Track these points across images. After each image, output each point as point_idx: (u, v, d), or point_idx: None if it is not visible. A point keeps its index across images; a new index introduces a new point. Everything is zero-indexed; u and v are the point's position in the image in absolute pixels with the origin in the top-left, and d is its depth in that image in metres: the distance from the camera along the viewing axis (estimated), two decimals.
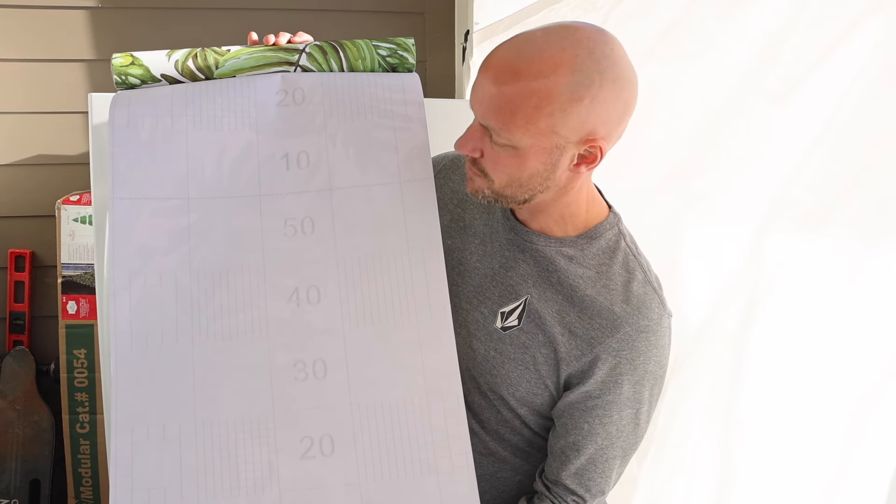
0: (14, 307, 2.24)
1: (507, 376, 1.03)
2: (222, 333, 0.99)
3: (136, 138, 1.03)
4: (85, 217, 2.16)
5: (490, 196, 0.99)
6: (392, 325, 1.01)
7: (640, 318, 0.98)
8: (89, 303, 2.16)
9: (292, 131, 1.06)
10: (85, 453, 2.23)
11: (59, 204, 2.16)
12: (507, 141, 0.91)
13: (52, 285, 2.25)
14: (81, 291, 2.18)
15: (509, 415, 1.06)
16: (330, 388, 0.99)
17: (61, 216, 2.16)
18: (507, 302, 1.04)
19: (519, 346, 1.02)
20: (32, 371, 2.22)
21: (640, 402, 1.00)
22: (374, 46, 1.12)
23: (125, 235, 1.01)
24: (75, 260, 2.17)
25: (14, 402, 2.21)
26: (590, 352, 0.98)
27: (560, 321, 1.00)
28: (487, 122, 0.91)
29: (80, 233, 2.16)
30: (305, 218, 1.03)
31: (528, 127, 0.89)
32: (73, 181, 2.22)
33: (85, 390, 2.20)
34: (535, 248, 1.04)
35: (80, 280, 2.18)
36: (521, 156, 0.92)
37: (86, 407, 2.21)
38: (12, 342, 2.25)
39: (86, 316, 2.18)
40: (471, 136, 0.95)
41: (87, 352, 2.19)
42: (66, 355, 2.18)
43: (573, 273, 1.01)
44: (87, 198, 2.15)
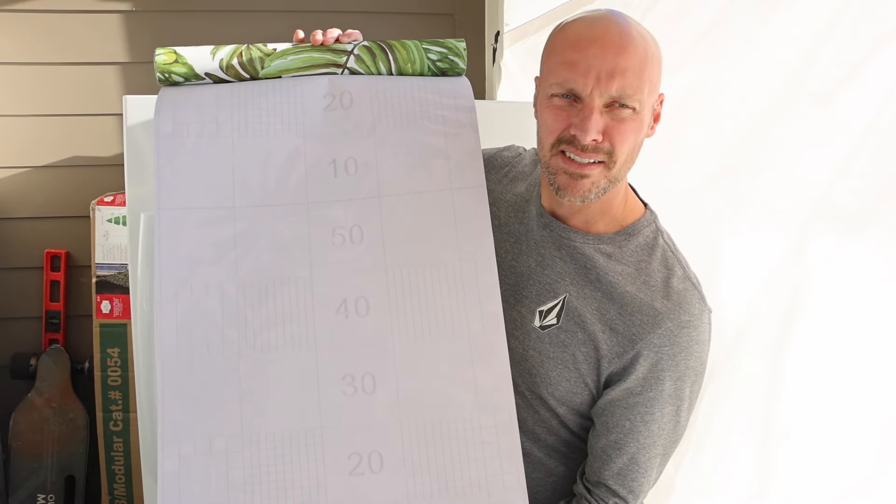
0: (50, 306, 2.28)
1: (546, 375, 1.04)
2: (269, 345, 0.98)
3: (181, 146, 1.03)
4: (119, 217, 2.19)
5: (603, 186, 0.97)
6: (443, 338, 0.99)
7: (681, 313, 0.98)
8: (123, 302, 2.19)
9: (340, 137, 1.05)
10: (118, 451, 2.26)
11: (94, 205, 2.19)
12: (635, 103, 0.93)
13: (86, 285, 2.29)
14: (115, 291, 2.21)
15: (547, 414, 1.07)
16: (379, 402, 0.97)
17: (96, 217, 2.19)
18: (545, 300, 1.04)
19: (558, 344, 1.03)
20: (67, 369, 2.26)
21: (680, 399, 1.00)
22: (424, 49, 1.10)
23: (171, 246, 1.00)
24: (109, 260, 2.20)
25: (50, 399, 2.25)
26: (631, 348, 0.98)
27: (600, 318, 1.00)
28: (618, 90, 0.92)
29: (114, 233, 2.19)
30: (354, 226, 1.02)
31: (652, 84, 0.95)
32: (107, 182, 2.25)
33: (118, 388, 2.23)
34: (573, 245, 1.04)
35: (114, 280, 2.21)
36: (639, 118, 0.95)
37: (119, 405, 2.23)
38: (48, 341, 2.28)
39: (119, 315, 2.21)
40: (595, 119, 0.93)
41: (120, 350, 2.22)
42: (100, 354, 2.21)
43: (612, 270, 1.01)
44: (121, 198, 2.18)
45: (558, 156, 0.97)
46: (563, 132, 0.96)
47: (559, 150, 0.97)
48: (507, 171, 1.20)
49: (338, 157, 1.04)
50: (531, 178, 1.17)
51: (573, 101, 0.95)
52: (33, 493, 2.24)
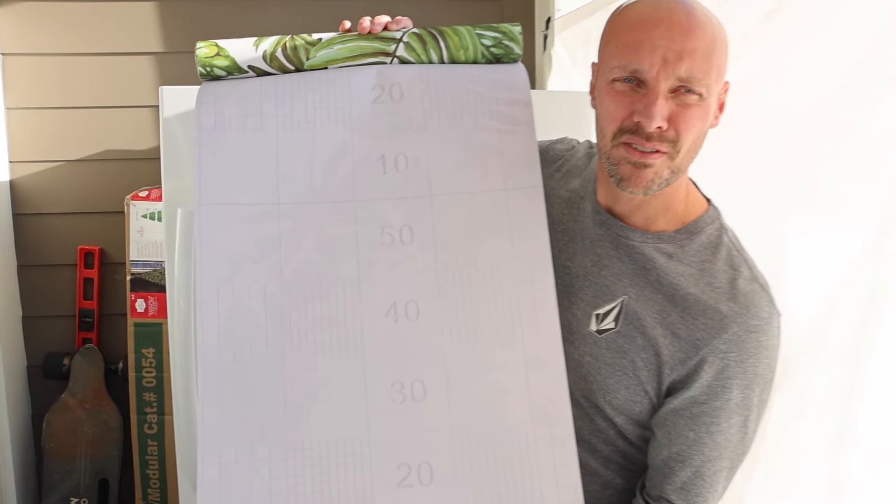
0: (83, 304, 2.33)
1: (603, 383, 1.03)
2: (314, 349, 0.98)
3: (224, 140, 1.04)
4: (154, 213, 2.23)
5: (666, 177, 0.96)
6: (496, 344, 0.98)
7: (749, 316, 0.96)
8: (158, 301, 2.23)
9: (389, 131, 1.05)
10: (153, 454, 2.30)
11: (129, 200, 2.24)
12: (702, 88, 0.93)
13: (120, 283, 2.33)
14: (150, 289, 2.25)
15: (604, 424, 1.06)
16: (429, 411, 0.97)
17: (130, 212, 2.23)
18: (602, 303, 1.04)
19: (616, 350, 1.02)
20: (101, 370, 2.31)
21: (748, 409, 0.99)
22: (476, 35, 1.10)
23: (213, 243, 1.01)
24: (144, 257, 2.24)
25: (83, 400, 2.31)
26: (695, 354, 0.97)
27: (661, 322, 0.99)
28: (686, 72, 0.91)
29: (150, 229, 2.23)
30: (404, 226, 1.02)
31: (719, 70, 0.94)
32: (142, 177, 2.29)
33: (153, 390, 2.28)
34: (631, 244, 1.03)
35: (149, 278, 2.25)
36: (705, 105, 0.94)
37: (154, 407, 2.28)
38: (81, 340, 2.34)
39: (154, 314, 2.25)
40: (660, 104, 0.92)
41: (155, 351, 2.26)
42: (135, 354, 2.26)
43: (673, 271, 1.00)
44: (156, 193, 2.22)
45: (621, 146, 0.96)
46: (626, 120, 0.95)
47: (622, 140, 0.96)
48: (560, 166, 1.19)
49: (387, 152, 1.05)
50: (586, 173, 1.16)
51: (636, 87, 0.94)
52: (66, 497, 2.29)
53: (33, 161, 2.31)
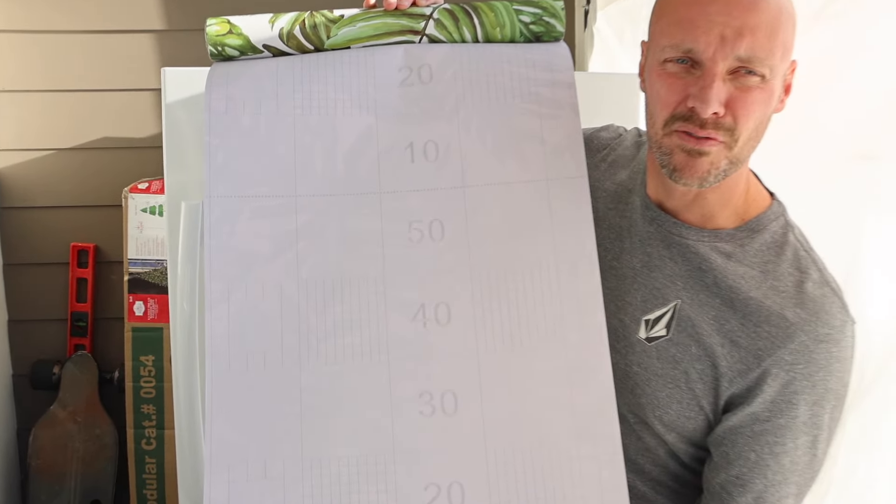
0: (76, 307, 2.38)
1: (653, 396, 1.04)
2: (335, 356, 1.00)
3: (236, 126, 1.05)
4: (155, 207, 2.27)
5: (723, 168, 0.96)
6: (536, 352, 0.99)
7: (819, 324, 0.96)
8: (159, 303, 2.27)
9: (418, 117, 1.07)
10: (151, 473, 2.34)
11: (126, 192, 2.27)
12: (765, 69, 0.93)
13: (117, 283, 2.37)
14: (150, 291, 2.29)
15: (653, 442, 1.07)
16: (461, 425, 0.97)
17: (128, 206, 2.27)
18: (653, 308, 1.05)
19: (668, 360, 1.03)
20: (95, 379, 2.35)
21: (818, 428, 0.99)
22: (514, 11, 1.11)
23: (223, 239, 1.03)
24: (144, 255, 2.28)
25: (75, 412, 2.35)
26: (757, 366, 0.98)
27: (718, 330, 1.00)
28: (747, 51, 0.91)
29: (150, 225, 2.27)
30: (434, 220, 1.04)
31: (785, 48, 0.94)
32: (141, 167, 2.33)
33: (152, 402, 2.31)
34: (685, 242, 1.04)
35: (149, 278, 2.29)
36: (768, 87, 0.94)
37: (152, 420, 2.31)
38: (73, 346, 2.38)
39: (155, 318, 2.29)
40: (716, 88, 0.92)
41: (155, 359, 2.30)
42: (132, 362, 2.29)
43: (732, 273, 1.01)
44: (157, 185, 2.26)
45: (673, 134, 0.97)
46: (679, 105, 0.95)
47: (674, 128, 0.96)
48: (606, 155, 1.21)
49: (415, 139, 1.06)
50: (634, 164, 1.17)
51: (690, 68, 0.94)
52: None
53: (21, 149, 2.35)
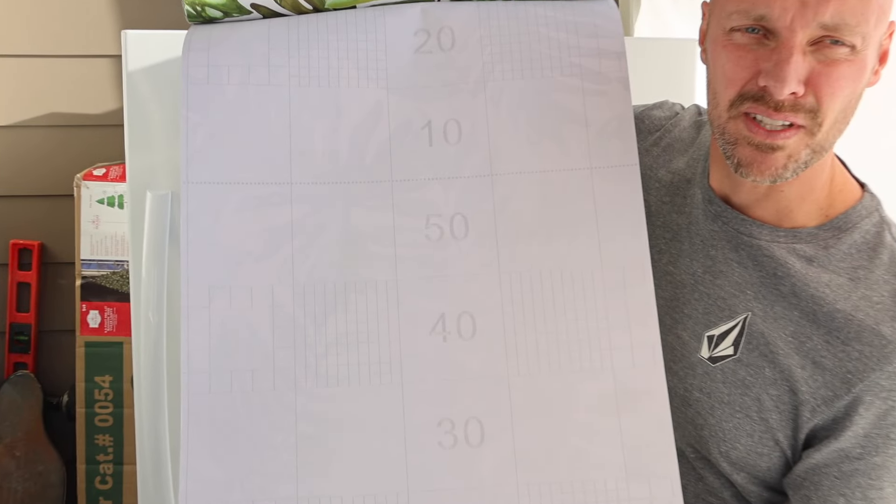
0: (16, 318, 2.36)
1: (717, 427, 1.03)
2: (337, 377, 0.99)
3: (220, 98, 1.05)
4: (114, 198, 2.25)
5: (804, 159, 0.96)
6: (578, 374, 0.99)
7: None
8: (118, 313, 2.26)
9: (437, 90, 1.06)
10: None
11: (79, 180, 2.25)
12: (856, 38, 0.92)
13: (67, 289, 2.36)
14: (107, 297, 2.27)
15: (717, 483, 1.07)
16: (488, 459, 0.97)
17: (81, 196, 2.25)
18: (718, 322, 1.04)
19: (736, 384, 1.03)
20: (39, 404, 2.33)
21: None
22: None
23: (204, 234, 1.02)
24: (100, 255, 2.26)
25: (13, 446, 2.33)
26: (846, 392, 0.98)
27: (798, 348, 1.00)
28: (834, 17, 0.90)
29: (107, 218, 2.25)
30: (456, 215, 1.03)
31: (881, 9, 0.93)
32: (97, 148, 2.32)
33: (108, 431, 2.29)
34: (757, 244, 1.04)
35: (107, 283, 2.27)
36: (859, 59, 0.93)
37: (109, 454, 2.29)
38: (13, 365, 2.37)
39: (113, 331, 2.27)
40: (795, 62, 0.91)
41: (112, 379, 2.28)
42: (85, 384, 2.27)
43: (815, 280, 1.01)
44: (116, 171, 2.24)
45: (740, 119, 0.96)
46: (749, 84, 0.95)
47: (741, 110, 0.96)
48: (660, 138, 1.21)
49: (434, 118, 1.06)
50: (693, 149, 1.17)
51: (763, 38, 0.94)
52: None
53: None
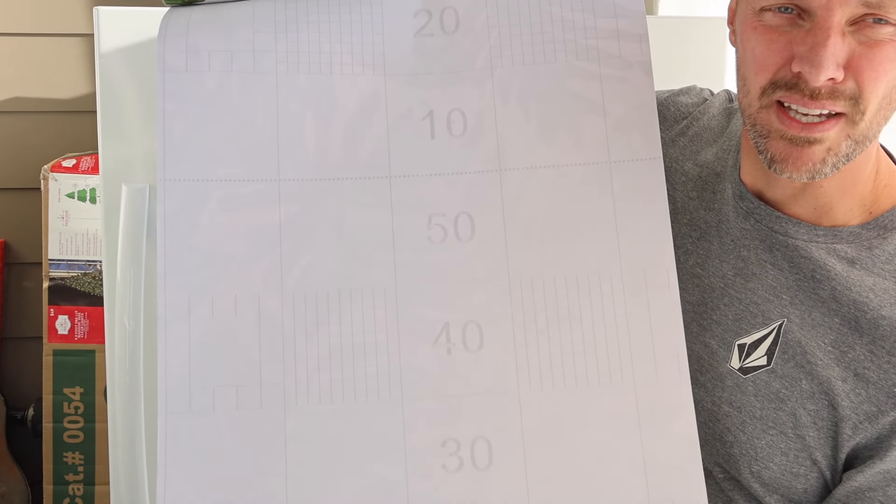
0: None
1: (749, 445, 1.04)
2: (330, 394, 1.00)
3: (199, 87, 1.05)
4: (85, 191, 2.26)
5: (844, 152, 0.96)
6: (595, 388, 0.99)
7: None
8: (90, 318, 2.27)
9: (440, 78, 1.07)
10: None
11: (47, 172, 2.26)
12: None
13: (33, 292, 2.37)
14: (78, 301, 2.28)
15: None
16: (497, 483, 0.98)
17: (49, 190, 2.26)
18: (749, 329, 1.05)
19: (770, 397, 1.03)
20: (1, 419, 2.35)
21: None
22: None
23: (183, 236, 1.02)
24: (69, 255, 2.27)
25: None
26: (892, 408, 0.98)
27: (839, 359, 1.00)
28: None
29: (78, 214, 2.26)
30: (461, 214, 1.04)
31: None
32: (67, 138, 2.34)
33: (78, 448, 2.30)
34: (794, 244, 1.04)
35: (77, 285, 2.28)
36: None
37: (79, 474, 2.30)
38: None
39: (84, 338, 2.28)
40: (833, 45, 0.90)
41: (84, 392, 2.29)
42: (53, 396, 2.28)
43: (858, 284, 1.01)
44: (88, 162, 2.25)
45: (772, 109, 0.96)
46: (782, 70, 0.95)
47: (773, 99, 0.96)
48: (686, 127, 1.21)
49: (436, 108, 1.06)
50: (723, 140, 1.17)
51: (797, 18, 0.94)
52: None
53: None
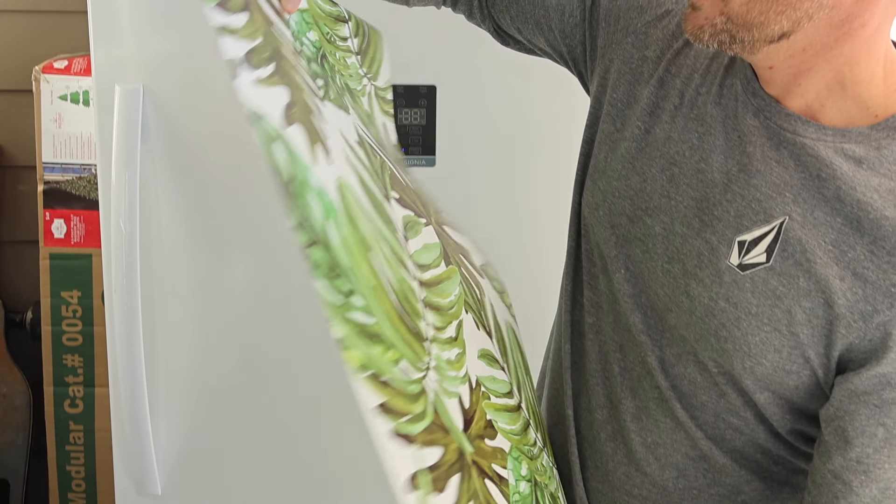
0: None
1: (742, 341, 1.04)
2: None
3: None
4: (77, 93, 2.25)
5: (722, 28, 0.99)
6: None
7: None
8: (86, 222, 2.27)
9: None
10: (76, 443, 2.38)
11: (38, 73, 2.25)
12: None
13: (28, 196, 2.39)
14: (74, 205, 2.28)
15: (738, 402, 1.08)
16: None
17: (41, 92, 2.25)
18: (751, 226, 1.04)
19: (766, 294, 1.03)
20: (0, 322, 2.38)
21: None
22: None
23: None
24: (63, 158, 2.27)
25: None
26: (888, 307, 0.97)
27: (838, 258, 1.00)
28: None
29: (71, 117, 2.26)
30: None
31: None
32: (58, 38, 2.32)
33: (77, 351, 2.34)
34: (801, 142, 1.03)
35: (72, 188, 2.29)
36: None
37: (78, 376, 2.34)
38: None
39: (80, 242, 2.29)
40: None
41: (81, 295, 2.31)
42: (51, 300, 2.31)
43: (863, 184, 1.00)
44: (80, 63, 2.23)
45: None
46: None
47: None
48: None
49: None
50: None
51: None
52: None
53: None
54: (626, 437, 1.18)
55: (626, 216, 1.13)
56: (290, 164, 0.81)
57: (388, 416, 0.82)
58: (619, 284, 1.15)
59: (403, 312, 0.92)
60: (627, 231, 1.13)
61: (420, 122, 1.79)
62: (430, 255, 1.08)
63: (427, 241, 1.08)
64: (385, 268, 0.92)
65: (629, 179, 1.14)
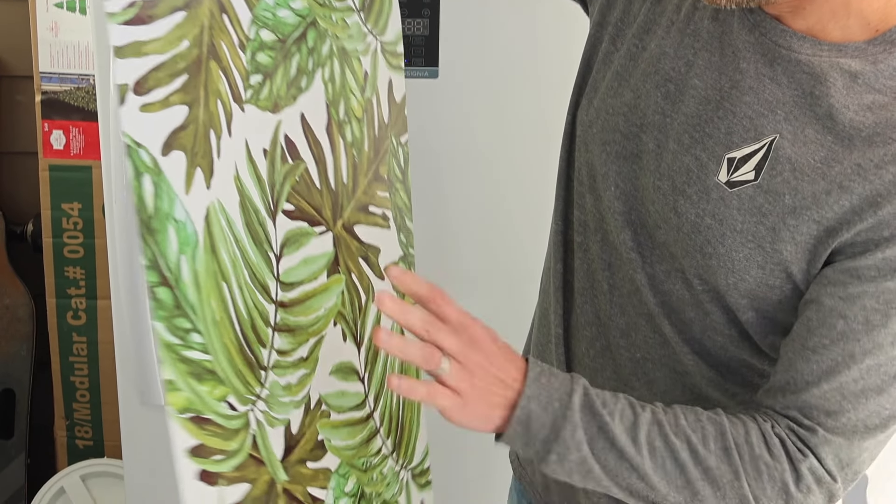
0: None
1: (727, 257, 1.05)
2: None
3: None
4: (73, 1, 2.23)
5: None
6: None
7: None
8: (85, 133, 2.28)
9: None
10: (80, 354, 2.42)
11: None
12: None
13: (26, 106, 2.37)
14: (73, 116, 2.28)
15: (721, 319, 1.10)
16: None
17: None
18: (741, 143, 1.05)
19: (752, 212, 1.04)
20: (1, 233, 2.39)
21: None
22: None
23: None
24: (61, 68, 2.27)
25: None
26: (872, 214, 0.98)
27: (825, 174, 1.01)
28: None
29: (68, 25, 2.24)
30: None
31: None
32: None
33: (79, 263, 2.36)
34: (796, 58, 1.04)
35: (71, 99, 2.28)
36: None
37: (80, 288, 2.37)
38: None
39: (80, 153, 2.30)
40: None
41: (82, 207, 2.32)
42: (52, 211, 2.32)
43: (856, 102, 1.01)
44: None
45: None
46: None
47: None
48: None
49: None
50: None
51: None
52: None
53: None
54: (614, 354, 1.20)
55: (621, 132, 1.14)
56: (155, 198, 0.83)
57: (197, 458, 0.88)
58: (609, 202, 1.16)
59: (244, 343, 0.96)
60: (622, 147, 1.14)
61: (423, 32, 1.79)
62: (307, 270, 1.10)
63: (309, 255, 1.10)
64: (238, 296, 0.95)
65: (623, 96, 1.15)
